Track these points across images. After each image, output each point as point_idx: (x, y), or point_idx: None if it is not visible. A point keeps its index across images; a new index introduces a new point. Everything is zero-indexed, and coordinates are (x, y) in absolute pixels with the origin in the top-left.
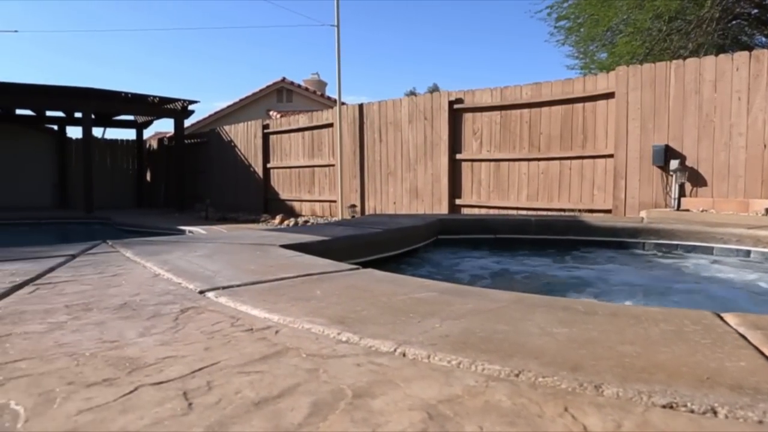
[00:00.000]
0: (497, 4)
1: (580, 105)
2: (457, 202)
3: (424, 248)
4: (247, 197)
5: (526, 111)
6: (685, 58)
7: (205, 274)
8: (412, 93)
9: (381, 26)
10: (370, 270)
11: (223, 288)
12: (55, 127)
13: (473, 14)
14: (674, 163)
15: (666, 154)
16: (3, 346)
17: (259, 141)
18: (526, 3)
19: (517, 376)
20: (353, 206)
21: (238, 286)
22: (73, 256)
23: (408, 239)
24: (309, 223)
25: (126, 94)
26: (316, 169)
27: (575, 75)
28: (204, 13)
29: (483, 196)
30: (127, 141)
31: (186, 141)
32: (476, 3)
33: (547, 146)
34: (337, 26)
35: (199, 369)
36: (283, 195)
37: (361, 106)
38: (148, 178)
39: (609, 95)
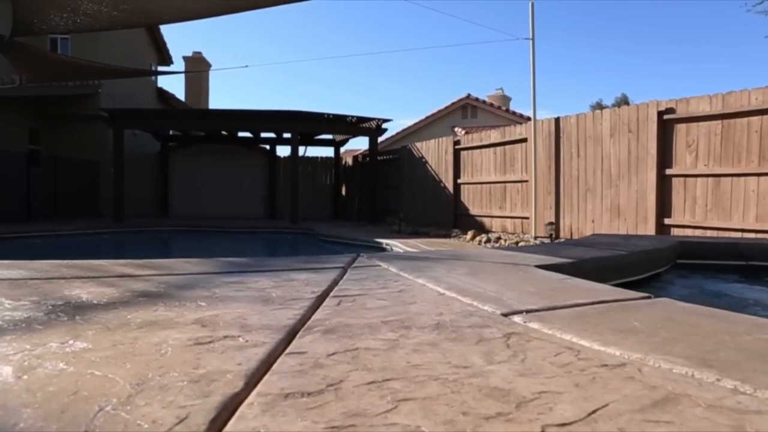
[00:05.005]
0: (689, 7)
1: None
2: (666, 221)
3: (665, 273)
4: (437, 212)
5: (755, 119)
6: None
7: (489, 295)
8: (599, 105)
9: (562, 39)
10: (668, 299)
11: (526, 312)
12: (267, 147)
13: (663, 21)
14: None
15: None
16: (361, 361)
17: (450, 157)
18: (720, 4)
19: None
20: (551, 224)
21: (537, 310)
22: (344, 269)
23: (652, 263)
24: (501, 240)
25: (328, 115)
26: (507, 184)
27: None
28: (398, 32)
29: (698, 215)
30: (325, 158)
31: (378, 157)
32: (666, 8)
33: None
34: (532, 39)
35: (593, 411)
36: (473, 210)
37: (557, 119)
38: (343, 192)
39: None
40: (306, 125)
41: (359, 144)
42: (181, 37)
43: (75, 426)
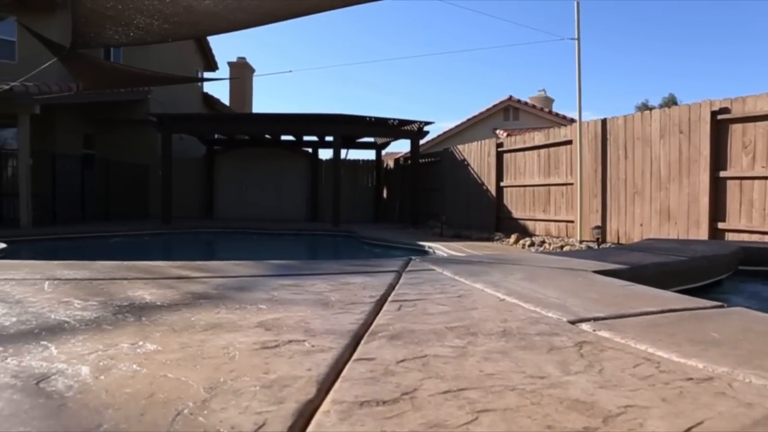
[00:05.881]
0: (729, 6)
1: None
2: (720, 226)
3: (726, 280)
4: (479, 215)
5: None
6: None
7: (551, 301)
8: (645, 106)
9: (601, 41)
10: (743, 309)
11: (594, 320)
12: (309, 150)
13: (704, 21)
14: None
15: None
16: (432, 369)
17: (493, 159)
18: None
19: None
20: (598, 227)
21: (604, 318)
22: (399, 273)
23: (714, 269)
24: (545, 244)
25: (370, 118)
26: (551, 187)
27: None
28: (439, 34)
29: (756, 220)
30: (366, 161)
31: (419, 160)
32: (706, 8)
33: None
34: (578, 39)
35: (689, 429)
36: (516, 214)
37: (603, 121)
38: (384, 194)
39: None
40: (348, 128)
41: (400, 147)
42: (225, 43)
43: (155, 428)
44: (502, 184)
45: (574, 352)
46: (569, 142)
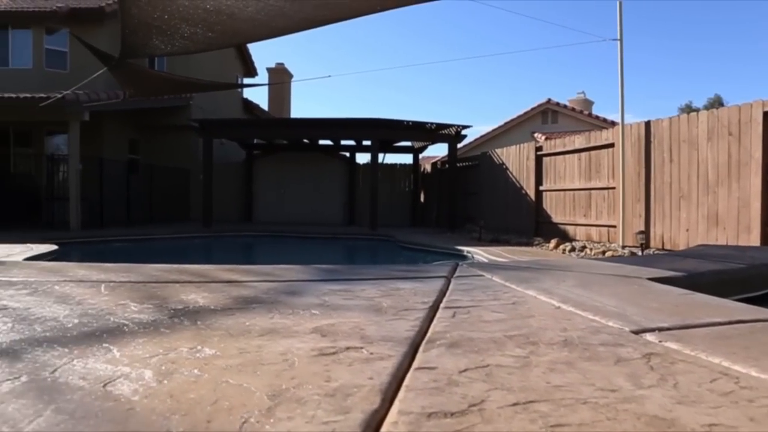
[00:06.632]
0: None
1: None
2: None
3: None
4: (518, 219)
5: None
6: None
7: (609, 310)
8: (689, 107)
9: (638, 43)
10: None
11: (658, 330)
12: (347, 154)
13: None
14: None
15: None
16: (497, 380)
17: (532, 163)
18: None
19: None
20: (642, 233)
21: (669, 329)
22: (448, 279)
23: None
24: (586, 249)
25: (407, 122)
26: (592, 191)
27: None
28: (477, 38)
29: None
30: (403, 165)
31: (457, 164)
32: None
33: None
34: (620, 40)
35: None
36: (556, 218)
37: (647, 123)
38: (422, 198)
39: None
40: (386, 132)
41: (438, 150)
42: (264, 50)
43: None
44: (541, 188)
45: (643, 365)
46: (611, 145)
